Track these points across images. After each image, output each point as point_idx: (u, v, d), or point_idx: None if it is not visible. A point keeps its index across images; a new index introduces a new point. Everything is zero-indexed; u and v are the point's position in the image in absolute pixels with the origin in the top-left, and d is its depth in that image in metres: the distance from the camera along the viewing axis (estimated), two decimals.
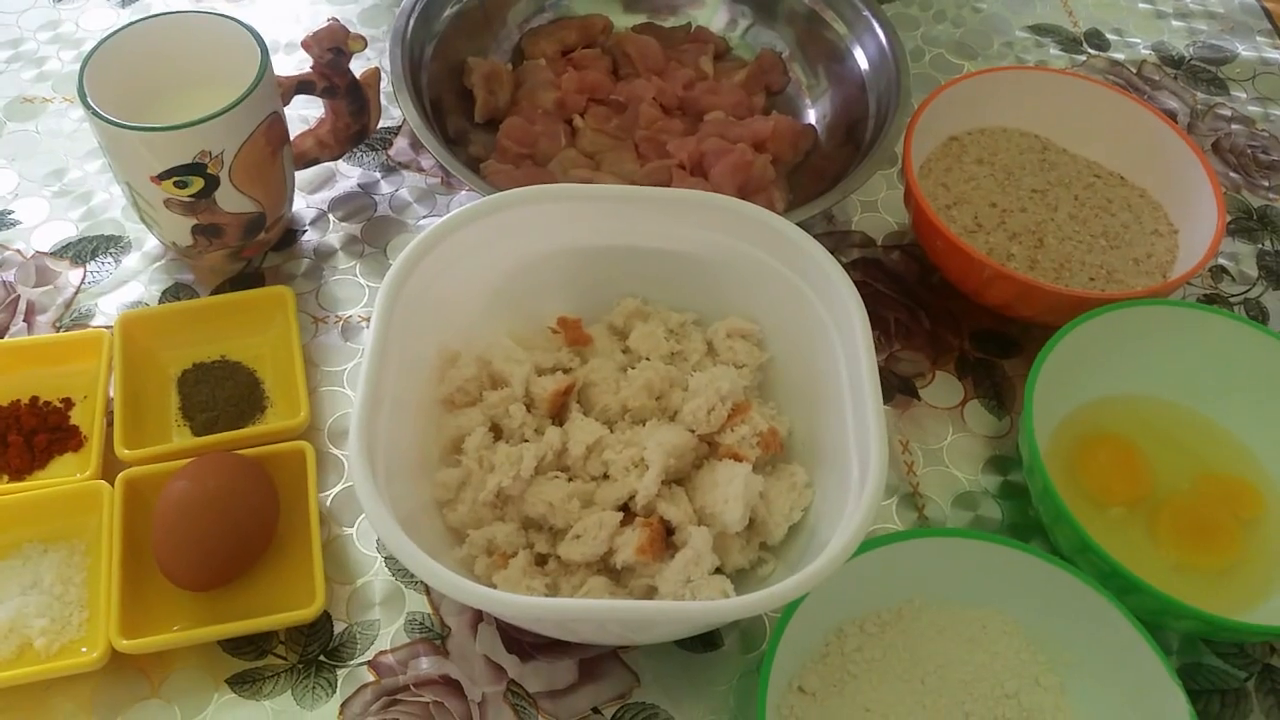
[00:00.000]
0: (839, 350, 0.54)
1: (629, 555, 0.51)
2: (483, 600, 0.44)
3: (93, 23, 0.87)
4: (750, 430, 0.55)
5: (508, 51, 0.82)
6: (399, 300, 0.53)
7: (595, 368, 0.59)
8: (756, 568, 0.54)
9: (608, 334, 0.62)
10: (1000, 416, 0.66)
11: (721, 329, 0.60)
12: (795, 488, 0.55)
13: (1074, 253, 0.68)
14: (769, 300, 0.59)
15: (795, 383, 0.59)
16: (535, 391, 0.57)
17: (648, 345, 0.60)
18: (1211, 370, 0.63)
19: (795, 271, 0.57)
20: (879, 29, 0.75)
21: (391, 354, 0.52)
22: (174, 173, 0.61)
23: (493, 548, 0.53)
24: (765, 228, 0.57)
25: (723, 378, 0.56)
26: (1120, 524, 0.59)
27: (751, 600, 0.44)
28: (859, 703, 0.51)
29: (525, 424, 0.56)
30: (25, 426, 0.60)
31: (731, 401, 0.56)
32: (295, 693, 0.53)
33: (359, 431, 0.48)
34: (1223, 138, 0.85)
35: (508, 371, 0.57)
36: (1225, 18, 0.95)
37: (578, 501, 0.54)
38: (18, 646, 0.53)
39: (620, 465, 0.54)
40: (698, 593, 0.50)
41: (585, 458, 0.55)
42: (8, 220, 0.72)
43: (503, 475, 0.53)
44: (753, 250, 0.58)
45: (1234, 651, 0.57)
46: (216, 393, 0.62)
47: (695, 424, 0.55)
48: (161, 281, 0.69)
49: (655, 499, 0.53)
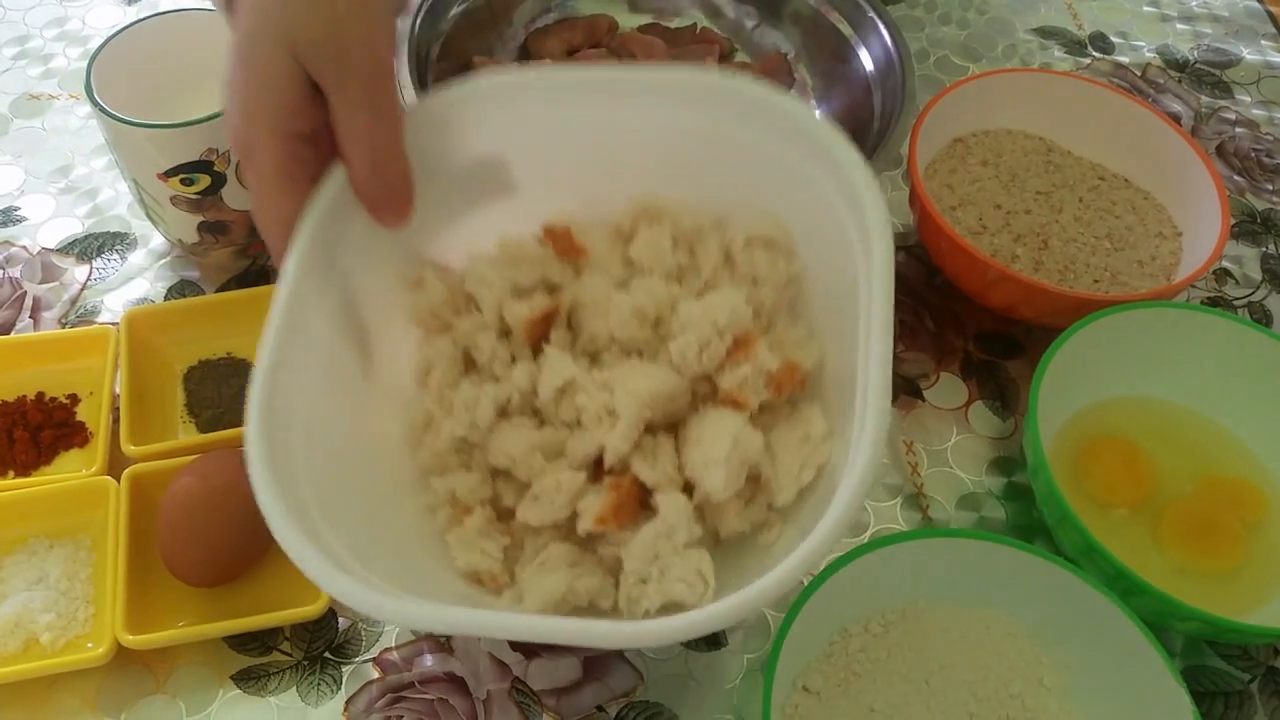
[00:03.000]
0: (861, 273, 0.45)
1: (589, 523, 0.45)
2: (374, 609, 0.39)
3: (99, 20, 0.87)
4: (755, 369, 0.46)
5: (514, 51, 0.82)
6: (323, 232, 0.46)
7: (588, 286, 0.51)
8: (758, 533, 0.47)
9: (610, 241, 0.53)
10: (1004, 418, 0.66)
11: (741, 235, 0.51)
12: (809, 440, 0.46)
13: (1078, 255, 0.68)
14: (791, 196, 0.50)
15: (827, 302, 0.50)
16: (510, 318, 0.50)
17: (651, 256, 0.51)
18: (1215, 373, 0.63)
19: (824, 173, 0.48)
20: (884, 31, 0.75)
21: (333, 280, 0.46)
22: (181, 170, 0.61)
23: (455, 500, 0.49)
24: (791, 120, 0.48)
25: (721, 306, 0.47)
26: (1124, 526, 0.59)
27: (683, 622, 0.37)
28: (864, 702, 0.52)
29: (497, 356, 0.50)
30: (31, 422, 0.60)
31: (731, 335, 0.47)
32: (300, 689, 0.53)
33: (257, 404, 0.42)
34: (1227, 141, 0.85)
35: (477, 293, 0.51)
36: (1230, 21, 0.96)
37: (540, 455, 0.47)
38: (24, 642, 0.53)
39: (593, 413, 0.46)
40: (666, 570, 0.43)
41: (557, 400, 0.48)
42: (14, 217, 0.73)
43: (457, 423, 0.48)
44: (771, 140, 0.49)
45: (1238, 654, 0.58)
46: (222, 389, 0.62)
47: (684, 363, 0.47)
48: (167, 278, 0.70)
49: (629, 456, 0.46)
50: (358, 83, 0.44)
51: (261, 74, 0.43)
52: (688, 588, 0.43)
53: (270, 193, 0.45)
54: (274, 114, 0.44)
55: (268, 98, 0.44)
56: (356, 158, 0.46)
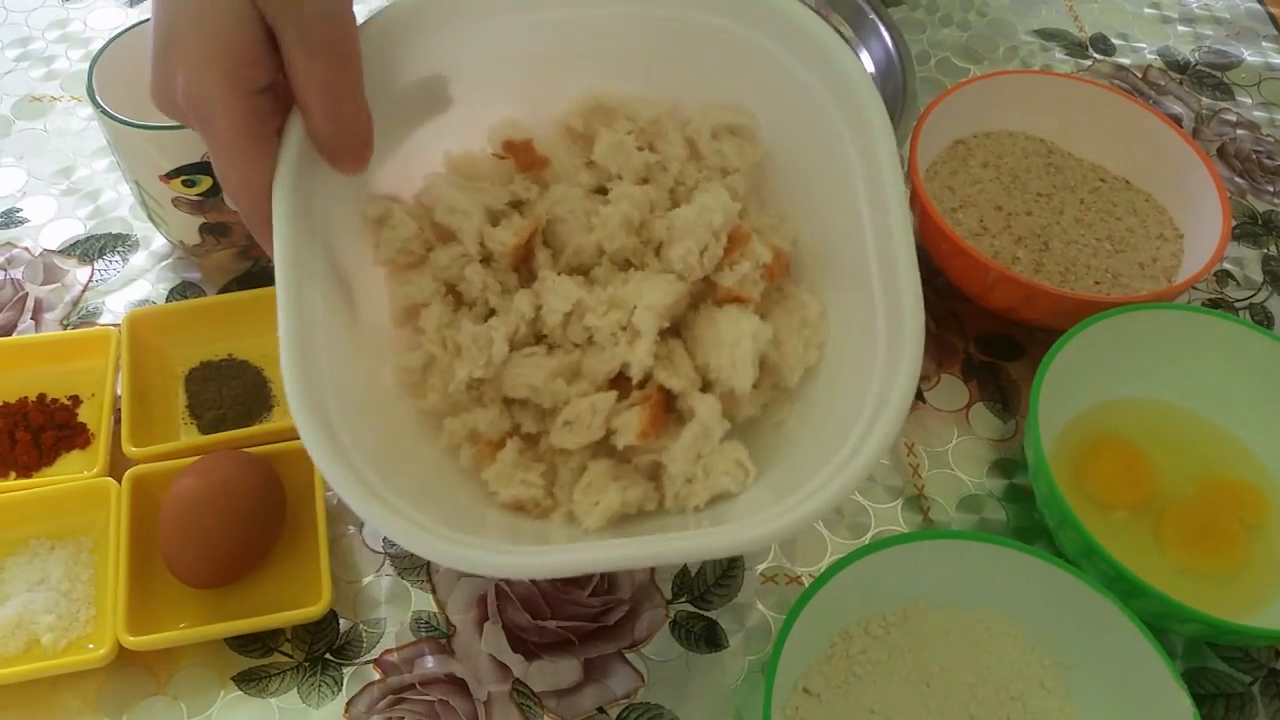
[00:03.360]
0: (853, 155, 0.46)
1: (630, 439, 0.46)
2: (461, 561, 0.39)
3: (101, 22, 0.87)
4: (752, 264, 0.48)
5: None
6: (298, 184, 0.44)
7: (559, 199, 0.50)
8: (770, 412, 0.49)
9: (566, 143, 0.52)
10: (1005, 420, 0.66)
11: (705, 126, 0.51)
12: (807, 323, 0.48)
13: (1079, 256, 0.68)
14: (759, 85, 0.50)
15: (799, 183, 0.50)
16: (492, 246, 0.49)
17: (617, 160, 0.50)
18: (1216, 375, 0.63)
19: (796, 57, 0.48)
20: (885, 32, 0.76)
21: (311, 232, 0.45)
22: (182, 171, 0.61)
23: (476, 436, 0.48)
24: (758, 5, 0.48)
25: (713, 207, 0.47)
26: (1125, 528, 0.59)
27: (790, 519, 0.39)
28: (864, 704, 0.52)
29: (488, 287, 0.49)
30: (33, 424, 0.60)
31: (726, 234, 0.48)
32: (301, 690, 0.54)
33: (293, 363, 0.41)
34: (1228, 143, 0.85)
35: (454, 224, 0.49)
36: (1231, 23, 0.96)
37: (563, 380, 0.47)
38: (25, 643, 0.53)
39: (606, 332, 0.47)
40: (710, 469, 0.46)
41: (564, 324, 0.48)
42: (16, 218, 0.73)
43: (472, 364, 0.47)
44: (736, 26, 0.48)
45: (1239, 656, 0.57)
46: (224, 391, 0.62)
47: (687, 270, 0.48)
48: (169, 280, 0.70)
49: (652, 369, 0.47)
50: (320, 27, 0.41)
51: (213, 20, 0.40)
52: (731, 479, 0.46)
53: (235, 155, 0.42)
54: (230, 65, 0.40)
55: (222, 45, 0.40)
56: (317, 108, 0.43)
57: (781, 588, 0.59)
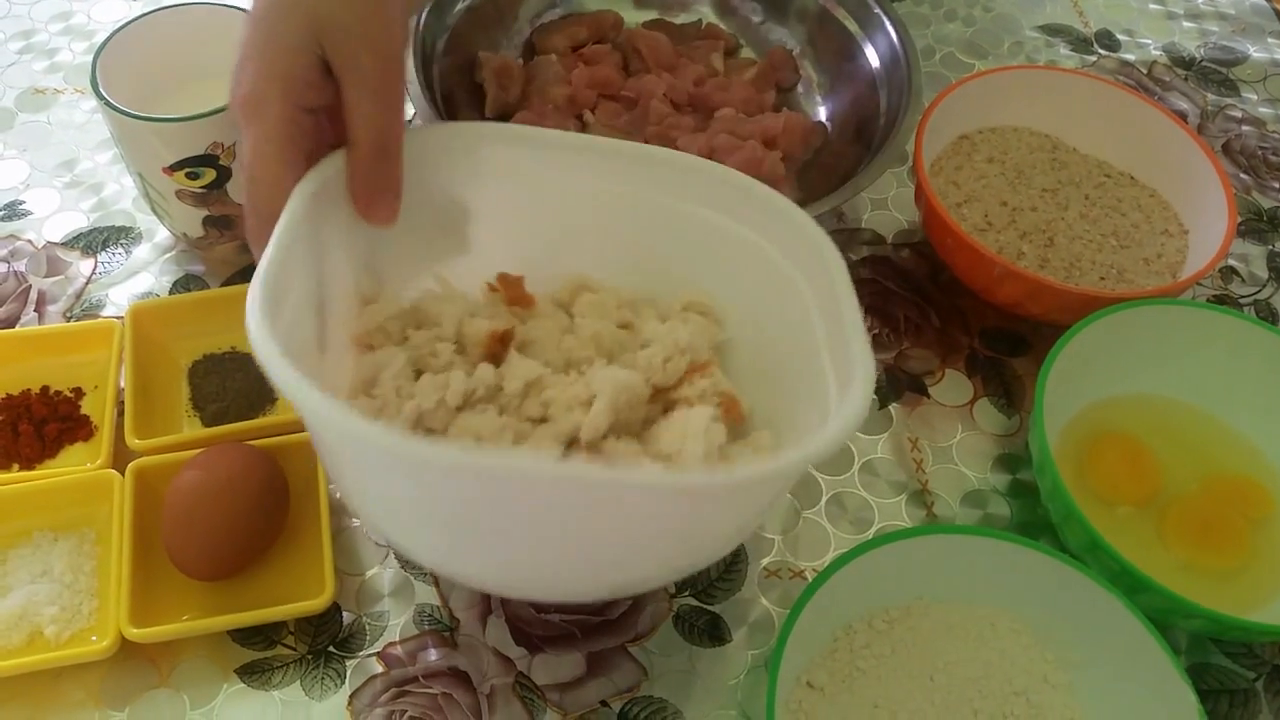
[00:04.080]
0: (809, 300, 0.48)
1: None
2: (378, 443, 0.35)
3: (104, 14, 0.87)
4: (710, 385, 0.49)
5: (519, 47, 0.82)
6: (313, 206, 0.45)
7: (538, 328, 0.52)
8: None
9: (551, 304, 0.55)
10: (1009, 415, 0.66)
11: (678, 302, 0.54)
12: (760, 450, 0.49)
13: (1084, 252, 0.68)
14: (723, 263, 0.53)
15: (757, 363, 0.53)
16: (469, 332, 0.50)
17: (596, 313, 0.53)
18: (1221, 370, 0.63)
19: (752, 227, 0.51)
20: (890, 27, 0.75)
21: (300, 255, 0.45)
22: (186, 164, 0.61)
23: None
24: (711, 180, 0.51)
25: (681, 331, 0.50)
26: (1129, 523, 0.59)
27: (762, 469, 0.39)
28: (868, 699, 0.52)
29: (454, 364, 0.49)
30: (36, 416, 0.60)
31: (690, 357, 0.50)
32: (304, 683, 0.53)
33: (264, 281, 0.40)
34: (1233, 139, 0.85)
35: (435, 310, 0.51)
36: (1236, 19, 0.95)
37: (511, 435, 0.47)
38: (28, 634, 0.53)
39: (563, 404, 0.47)
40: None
41: (523, 395, 0.48)
42: (19, 210, 0.73)
43: (425, 399, 0.46)
44: (701, 210, 0.52)
45: (1243, 651, 0.57)
46: (227, 384, 0.62)
47: (650, 372, 0.49)
48: (172, 272, 0.70)
49: (602, 440, 0.46)
50: (373, 70, 0.45)
51: (281, 43, 0.45)
52: None
53: (271, 147, 0.45)
54: (287, 80, 0.45)
55: (284, 64, 0.45)
56: (363, 139, 0.46)
57: (785, 582, 0.58)
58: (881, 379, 0.67)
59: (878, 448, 0.64)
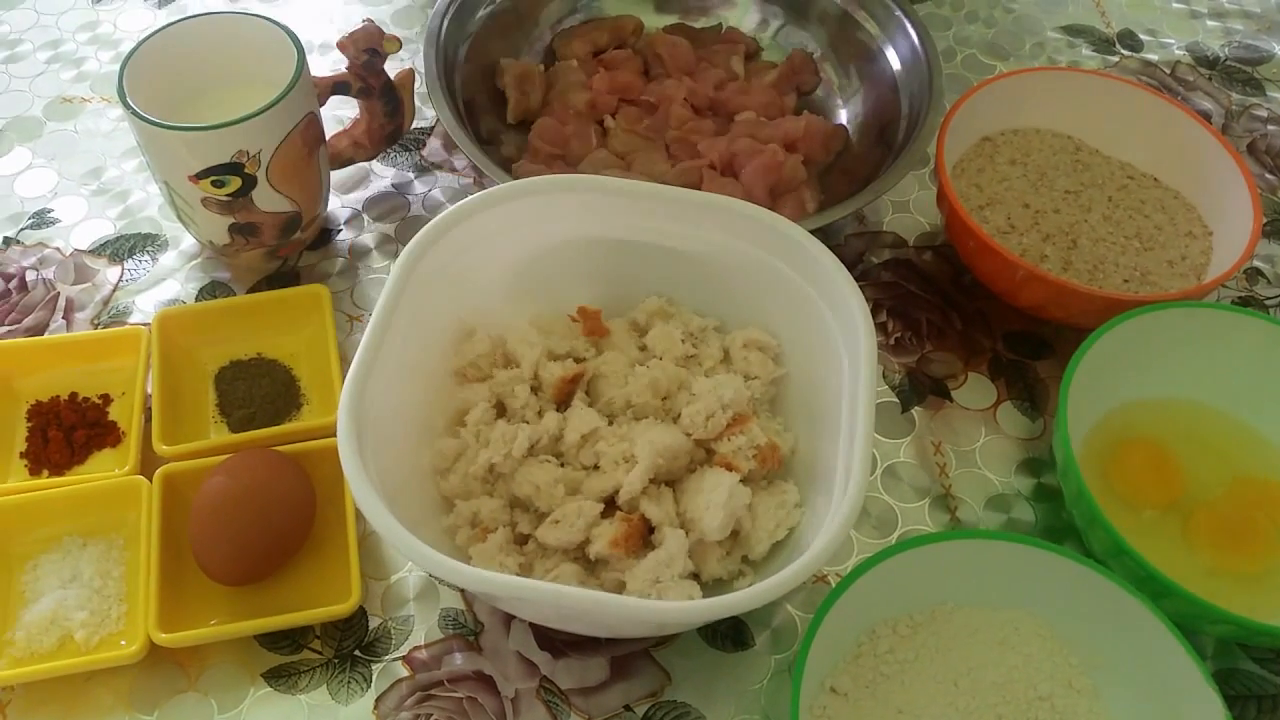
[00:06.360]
0: (844, 367, 0.54)
1: (602, 547, 0.52)
2: (427, 562, 0.44)
3: (130, 24, 0.88)
4: (748, 442, 0.55)
5: (540, 53, 0.82)
6: (414, 273, 0.54)
7: (608, 360, 0.59)
8: (734, 580, 0.54)
9: (627, 330, 0.62)
10: (1033, 418, 0.66)
11: (739, 338, 0.60)
12: (785, 506, 0.55)
13: (1108, 254, 0.68)
14: (785, 312, 0.59)
15: (804, 400, 0.59)
16: (544, 376, 0.58)
17: (664, 345, 0.60)
18: (1246, 374, 0.62)
19: (810, 283, 0.57)
20: (911, 29, 0.75)
21: (399, 325, 0.52)
22: (212, 172, 0.61)
23: (476, 520, 0.54)
24: (781, 236, 0.57)
25: (726, 386, 0.56)
26: (1154, 527, 0.59)
27: (699, 606, 0.44)
28: (892, 704, 0.51)
29: (528, 405, 0.57)
30: (65, 422, 0.61)
31: (733, 411, 0.55)
32: (330, 687, 0.54)
33: (349, 398, 0.48)
34: (1258, 139, 0.84)
35: (519, 353, 0.58)
36: (1261, 17, 0.95)
37: (563, 488, 0.54)
38: (58, 639, 0.53)
39: (611, 458, 0.54)
40: (664, 594, 0.50)
41: (579, 446, 0.55)
42: (47, 218, 0.73)
43: (495, 452, 0.54)
44: (769, 259, 0.58)
45: (1271, 657, 0.57)
46: (253, 390, 0.62)
47: (693, 428, 0.55)
48: (198, 279, 0.70)
49: (639, 496, 0.53)
50: None
51: None
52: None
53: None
54: None
55: None
56: None
57: (808, 587, 0.58)
58: (904, 383, 0.67)
59: (900, 452, 0.64)
